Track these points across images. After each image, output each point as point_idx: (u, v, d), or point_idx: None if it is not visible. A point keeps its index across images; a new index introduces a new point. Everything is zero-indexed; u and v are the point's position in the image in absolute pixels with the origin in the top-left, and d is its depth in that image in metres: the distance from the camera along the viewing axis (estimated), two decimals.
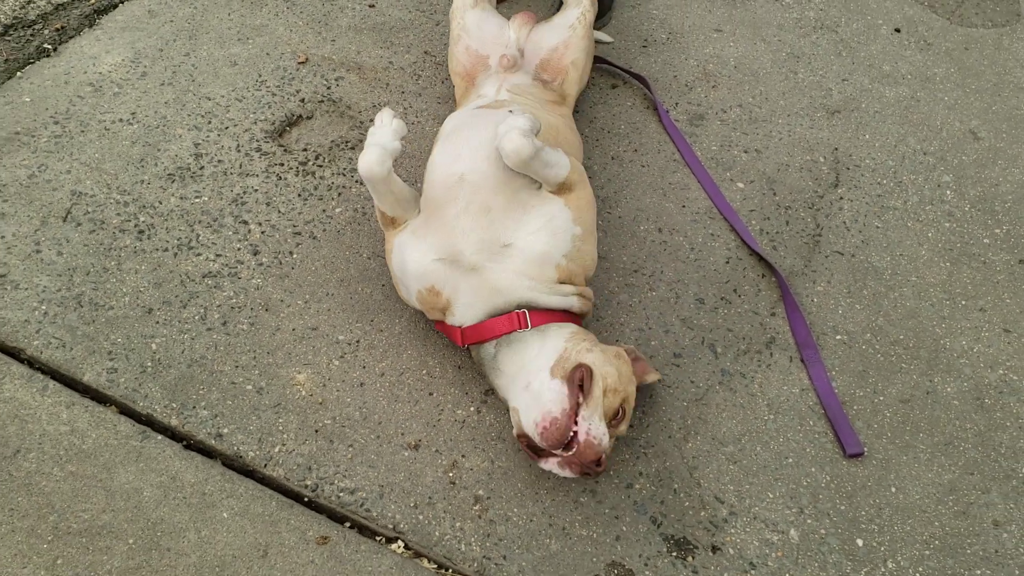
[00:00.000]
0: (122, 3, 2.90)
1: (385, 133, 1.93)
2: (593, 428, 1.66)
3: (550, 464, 1.72)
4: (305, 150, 2.49)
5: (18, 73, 2.60)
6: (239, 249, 2.22)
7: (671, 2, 3.16)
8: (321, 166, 2.45)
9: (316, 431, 1.92)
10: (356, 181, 2.42)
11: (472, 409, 1.99)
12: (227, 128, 2.51)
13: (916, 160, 2.68)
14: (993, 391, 2.12)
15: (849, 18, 3.19)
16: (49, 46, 2.71)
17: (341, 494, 1.83)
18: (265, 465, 1.86)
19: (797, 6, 3.22)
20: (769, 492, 1.91)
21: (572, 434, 1.65)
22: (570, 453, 1.65)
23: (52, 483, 1.78)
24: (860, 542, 1.84)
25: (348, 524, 1.80)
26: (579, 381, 1.69)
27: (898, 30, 3.16)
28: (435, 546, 1.77)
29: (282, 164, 2.44)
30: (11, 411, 1.87)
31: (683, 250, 2.35)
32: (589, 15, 2.49)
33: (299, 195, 2.37)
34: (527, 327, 1.81)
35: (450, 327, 1.91)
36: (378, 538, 1.78)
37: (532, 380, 1.72)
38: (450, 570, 1.75)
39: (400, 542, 1.78)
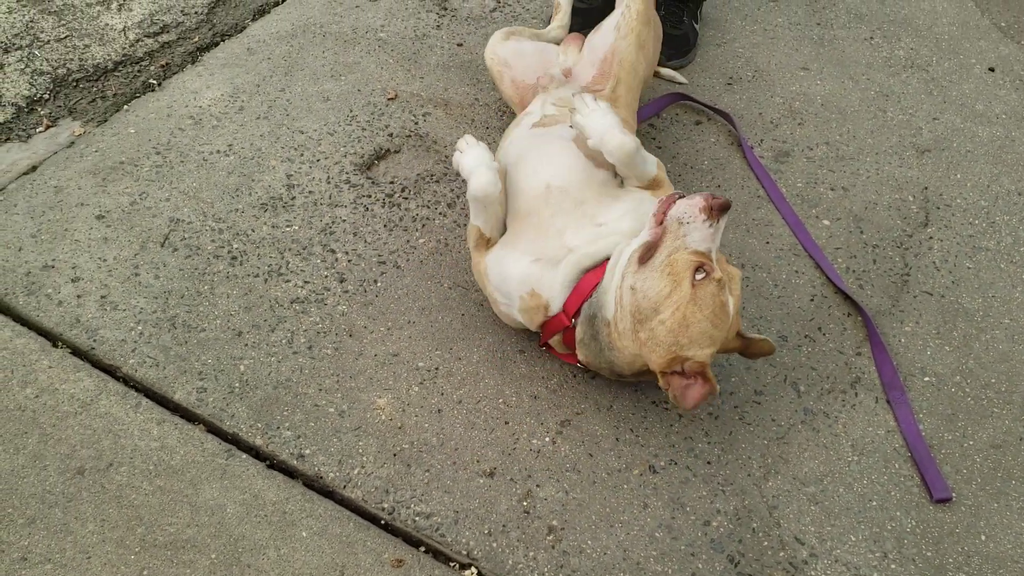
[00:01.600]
0: (223, 41, 3.03)
1: (480, 153, 2.06)
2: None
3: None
4: (392, 183, 2.55)
5: (125, 106, 2.74)
6: (326, 276, 2.29)
7: (757, 40, 3.16)
8: (407, 198, 2.51)
9: (394, 455, 1.95)
10: (440, 213, 2.47)
11: (547, 439, 2.00)
12: (318, 160, 2.60)
13: (1010, 200, 2.60)
14: None
15: (940, 57, 3.14)
16: (154, 81, 2.85)
17: (417, 518, 1.85)
18: (344, 487, 1.89)
19: (887, 45, 3.18)
20: (851, 535, 1.86)
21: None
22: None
23: (141, 496, 1.85)
24: None
25: (423, 548, 1.82)
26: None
27: (992, 69, 3.09)
28: (508, 575, 1.77)
29: (369, 196, 2.51)
30: (106, 426, 1.95)
31: (766, 287, 2.33)
32: (635, 7, 2.33)
33: (385, 226, 2.43)
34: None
35: (554, 319, 1.97)
36: (452, 564, 1.79)
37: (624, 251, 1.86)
38: None
39: (474, 569, 1.78)
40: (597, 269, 1.91)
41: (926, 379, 2.14)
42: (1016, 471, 1.98)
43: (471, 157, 2.05)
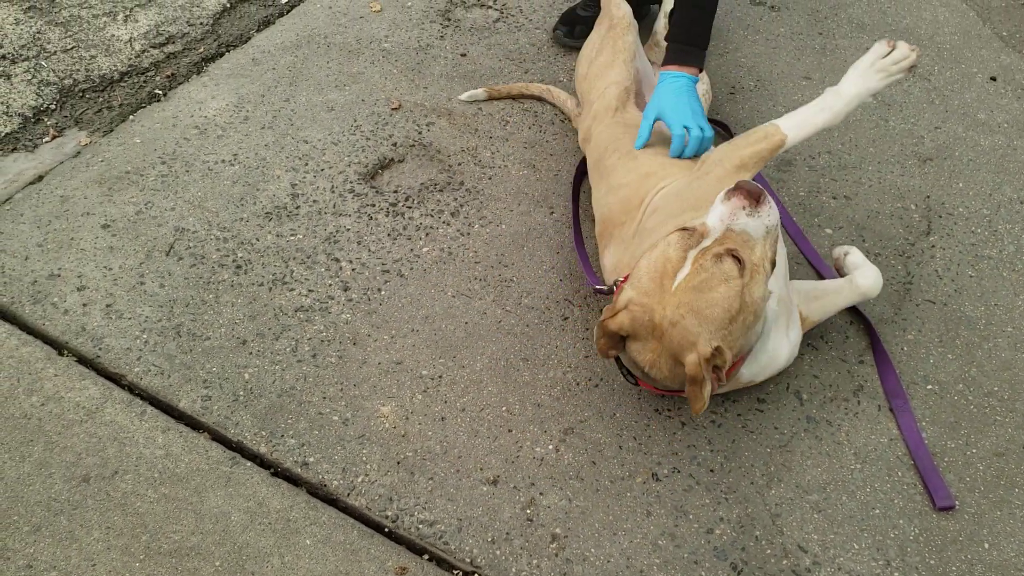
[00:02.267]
0: (228, 52, 3.05)
1: None
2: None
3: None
4: (396, 192, 2.57)
5: (131, 117, 2.76)
6: (330, 285, 2.30)
7: (759, 50, 3.17)
8: (410, 207, 2.52)
9: (398, 463, 1.95)
10: (443, 222, 2.48)
11: (551, 447, 2.00)
12: (323, 170, 2.61)
13: (1012, 209, 2.61)
14: None
15: (943, 67, 3.15)
16: (160, 91, 2.87)
17: (420, 526, 1.85)
18: (348, 494, 1.90)
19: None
20: (855, 543, 1.86)
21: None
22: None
23: (146, 504, 1.85)
24: None
25: (426, 556, 1.82)
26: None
27: (994, 78, 3.10)
28: None
29: (373, 205, 2.52)
30: (111, 433, 1.96)
31: None
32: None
33: (389, 235, 2.44)
34: None
35: None
36: (455, 572, 1.80)
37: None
38: None
39: None
40: None
41: (929, 387, 2.15)
42: (1019, 479, 1.98)
43: None
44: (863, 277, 2.14)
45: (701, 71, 2.32)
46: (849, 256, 2.21)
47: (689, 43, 2.30)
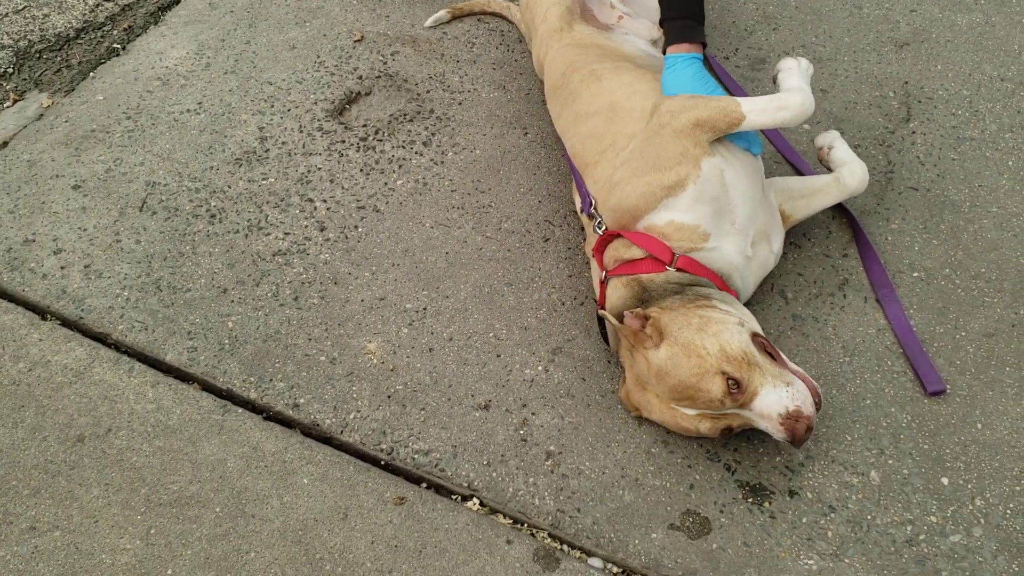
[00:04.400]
0: None
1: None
2: None
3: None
4: (365, 126, 2.53)
5: (91, 74, 2.71)
6: (306, 226, 2.28)
7: None
8: (381, 140, 2.48)
9: (389, 397, 1.96)
10: (416, 152, 2.45)
11: (540, 368, 2.00)
12: (289, 110, 2.57)
13: (993, 87, 2.56)
14: None
15: None
16: (118, 45, 2.81)
17: (416, 456, 1.86)
18: (341, 432, 1.91)
19: None
20: (847, 435, 1.87)
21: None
22: None
23: (142, 458, 1.87)
24: (945, 480, 1.79)
25: (424, 484, 1.84)
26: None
27: None
28: (509, 502, 1.79)
29: (343, 141, 2.48)
30: (101, 392, 1.97)
31: None
32: None
33: (361, 170, 2.41)
34: None
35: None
36: (454, 497, 1.82)
37: None
38: (525, 524, 1.77)
39: (475, 500, 1.80)
40: None
41: (915, 275, 2.13)
42: (1009, 358, 1.98)
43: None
44: (851, 175, 2.11)
45: (705, 46, 2.13)
46: (835, 151, 2.17)
47: (688, 17, 2.10)
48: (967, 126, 2.46)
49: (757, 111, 1.87)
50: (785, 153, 2.38)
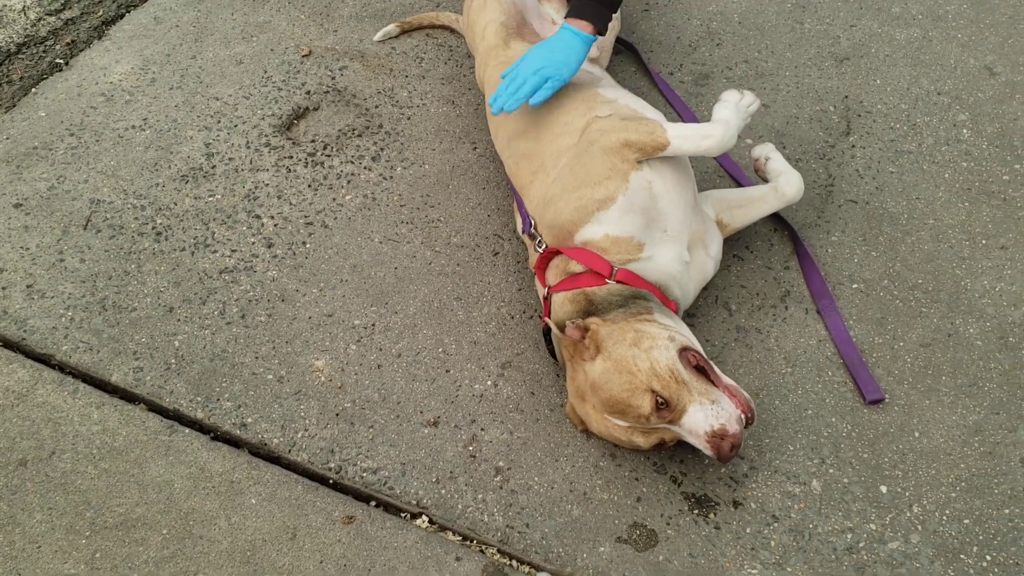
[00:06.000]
0: (128, 12, 2.95)
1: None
2: None
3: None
4: (313, 141, 2.52)
5: (33, 89, 2.67)
6: (253, 243, 2.27)
7: None
8: (329, 155, 2.48)
9: (337, 415, 1.96)
10: (364, 167, 2.45)
11: (489, 383, 2.01)
12: (236, 126, 2.56)
13: (930, 101, 2.63)
14: (1018, 329, 2.09)
15: None
16: (61, 60, 2.77)
17: (364, 474, 1.87)
18: (289, 451, 1.90)
19: None
20: (789, 445, 1.91)
21: None
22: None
23: (87, 481, 1.84)
24: (884, 489, 1.83)
25: (373, 503, 1.84)
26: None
27: None
28: (458, 519, 1.80)
29: (291, 157, 2.48)
30: (45, 415, 1.94)
31: None
32: None
33: (309, 186, 2.41)
34: None
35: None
36: (403, 514, 1.82)
37: None
38: (474, 541, 1.78)
39: (424, 517, 1.81)
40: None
41: (855, 286, 2.18)
42: (945, 367, 2.03)
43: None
44: (787, 184, 2.16)
45: (602, 33, 2.12)
46: (771, 162, 2.21)
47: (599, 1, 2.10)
48: (905, 139, 2.52)
49: (681, 138, 1.92)
50: (726, 166, 2.42)
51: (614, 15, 2.16)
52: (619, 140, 1.90)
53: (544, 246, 1.97)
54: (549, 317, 1.92)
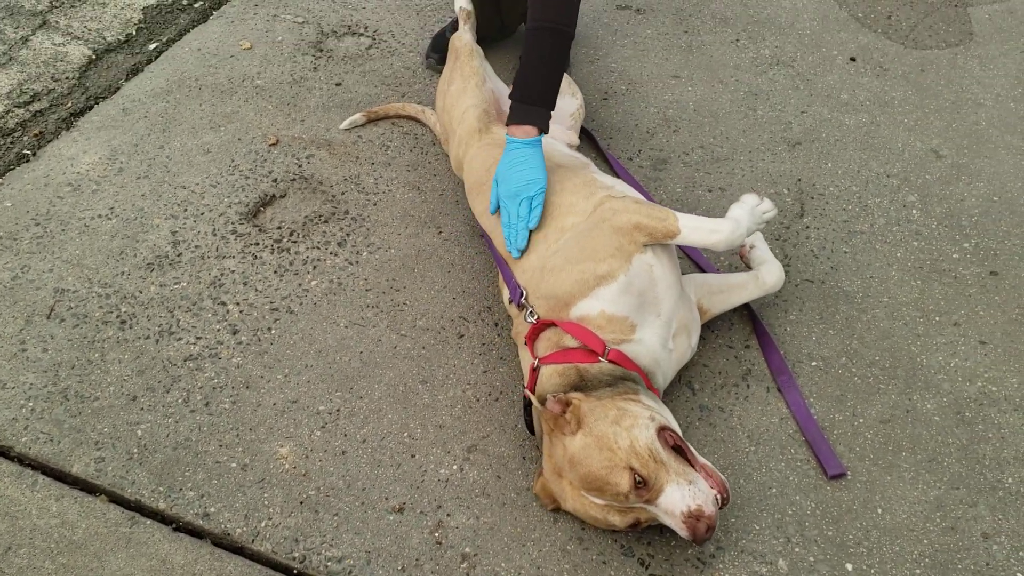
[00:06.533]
0: (97, 104, 3.00)
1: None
2: None
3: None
4: (279, 228, 2.55)
5: None
6: (218, 330, 2.27)
7: (628, 54, 3.25)
8: (296, 242, 2.51)
9: (301, 503, 1.94)
10: (330, 253, 2.48)
11: (455, 467, 2.01)
12: (203, 214, 2.58)
13: (880, 183, 2.72)
14: (973, 404, 2.13)
15: (804, 52, 3.27)
16: (29, 151, 2.80)
17: (329, 563, 1.84)
18: (253, 541, 1.88)
19: (752, 45, 3.30)
20: (755, 524, 1.91)
21: None
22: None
23: None
24: (849, 566, 1.84)
25: None
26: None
27: (853, 59, 3.23)
28: None
29: (257, 244, 2.50)
30: (2, 509, 1.91)
31: None
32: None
33: (275, 272, 2.43)
34: None
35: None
36: None
37: None
38: None
39: None
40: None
41: (813, 364, 2.22)
42: (905, 443, 2.06)
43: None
44: (768, 274, 2.22)
45: (544, 131, 2.21)
46: (755, 250, 2.28)
47: (532, 102, 2.20)
48: (857, 220, 2.60)
49: (691, 228, 1.99)
50: (691, 253, 2.48)
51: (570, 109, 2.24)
52: (631, 222, 1.96)
53: (536, 317, 2.00)
54: (534, 387, 1.94)
